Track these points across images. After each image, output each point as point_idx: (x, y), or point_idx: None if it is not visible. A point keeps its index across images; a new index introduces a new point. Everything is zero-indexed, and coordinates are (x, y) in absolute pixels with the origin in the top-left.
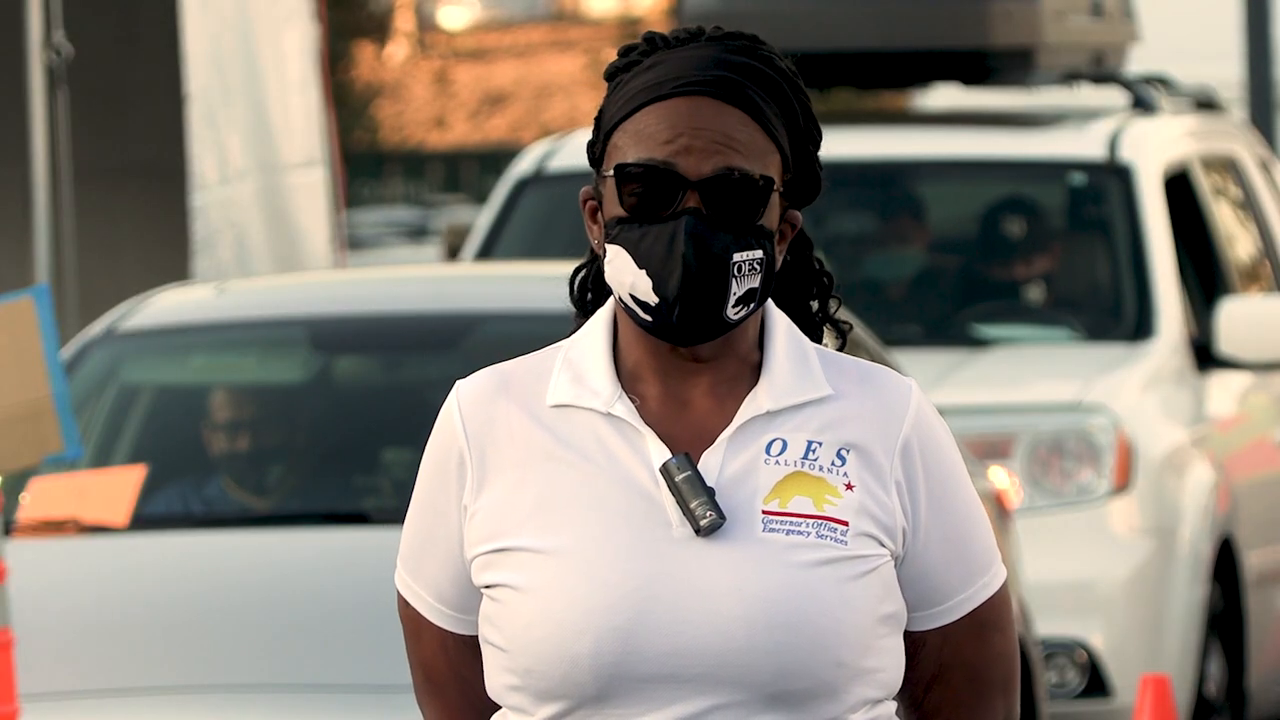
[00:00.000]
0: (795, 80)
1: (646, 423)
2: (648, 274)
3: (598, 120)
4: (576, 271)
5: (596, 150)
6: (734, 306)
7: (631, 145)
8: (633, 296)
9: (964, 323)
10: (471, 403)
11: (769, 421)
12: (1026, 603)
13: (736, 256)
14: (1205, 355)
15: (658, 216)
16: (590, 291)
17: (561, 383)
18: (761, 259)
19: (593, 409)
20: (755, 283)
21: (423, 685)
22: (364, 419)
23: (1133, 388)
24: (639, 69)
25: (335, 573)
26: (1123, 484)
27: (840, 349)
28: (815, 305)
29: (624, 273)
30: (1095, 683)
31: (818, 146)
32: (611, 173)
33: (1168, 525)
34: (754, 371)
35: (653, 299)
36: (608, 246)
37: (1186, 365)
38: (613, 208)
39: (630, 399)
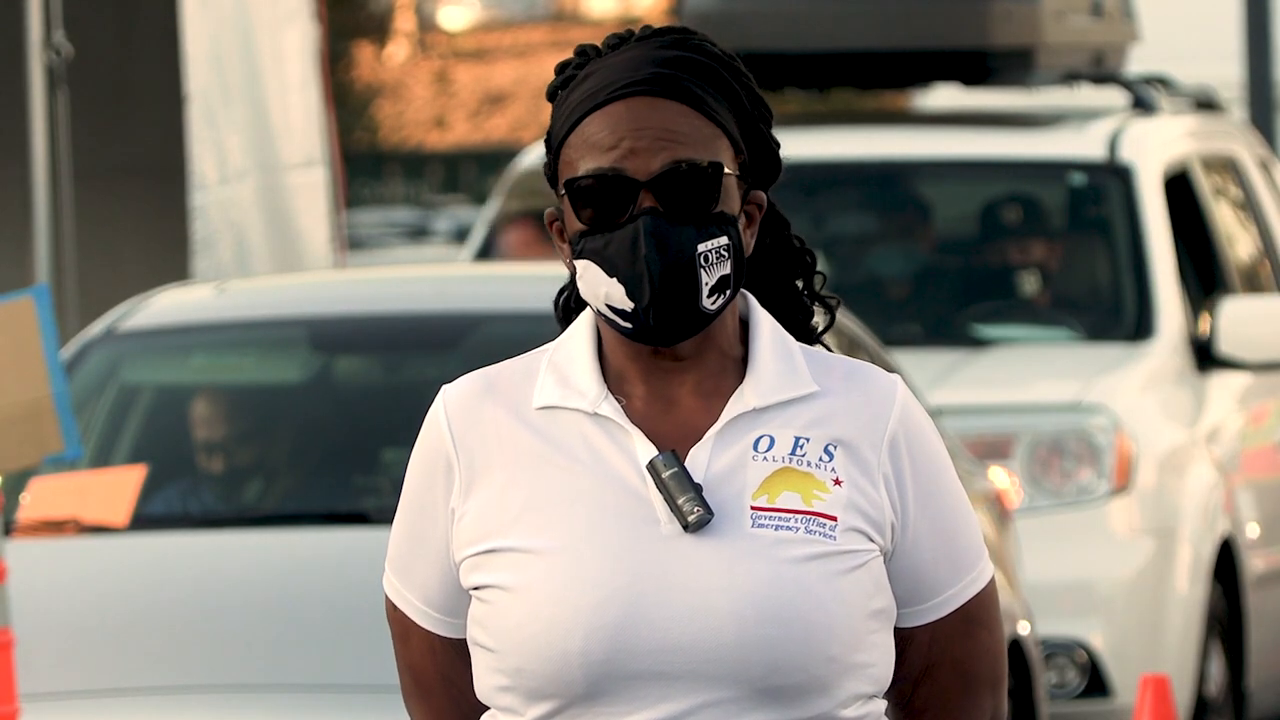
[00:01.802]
0: (733, 63)
1: (633, 422)
2: (618, 281)
3: (547, 140)
4: (560, 293)
5: (550, 171)
6: (709, 296)
7: (579, 157)
8: (609, 306)
9: (964, 323)
10: (457, 406)
11: (756, 418)
12: (1027, 603)
13: (701, 247)
14: (1205, 355)
15: (616, 223)
16: (575, 314)
17: (547, 384)
18: (727, 245)
19: (579, 409)
20: (726, 269)
21: (411, 689)
22: (364, 419)
23: (1133, 388)
24: (576, 83)
25: (335, 573)
26: (1123, 484)
27: (829, 325)
28: (800, 285)
29: (596, 284)
30: (1095, 683)
31: (769, 125)
32: (564, 190)
33: (1168, 525)
34: (738, 368)
35: (628, 305)
36: (576, 263)
37: (1186, 365)
38: (573, 223)
39: (616, 399)
